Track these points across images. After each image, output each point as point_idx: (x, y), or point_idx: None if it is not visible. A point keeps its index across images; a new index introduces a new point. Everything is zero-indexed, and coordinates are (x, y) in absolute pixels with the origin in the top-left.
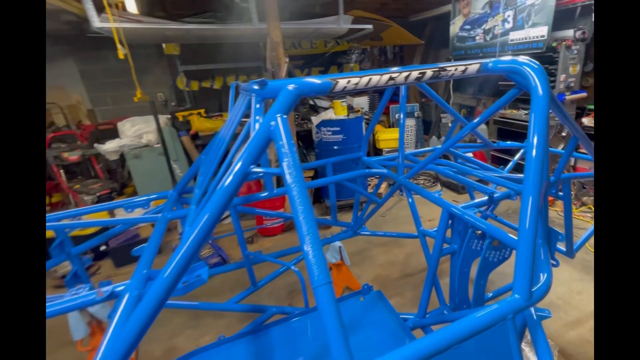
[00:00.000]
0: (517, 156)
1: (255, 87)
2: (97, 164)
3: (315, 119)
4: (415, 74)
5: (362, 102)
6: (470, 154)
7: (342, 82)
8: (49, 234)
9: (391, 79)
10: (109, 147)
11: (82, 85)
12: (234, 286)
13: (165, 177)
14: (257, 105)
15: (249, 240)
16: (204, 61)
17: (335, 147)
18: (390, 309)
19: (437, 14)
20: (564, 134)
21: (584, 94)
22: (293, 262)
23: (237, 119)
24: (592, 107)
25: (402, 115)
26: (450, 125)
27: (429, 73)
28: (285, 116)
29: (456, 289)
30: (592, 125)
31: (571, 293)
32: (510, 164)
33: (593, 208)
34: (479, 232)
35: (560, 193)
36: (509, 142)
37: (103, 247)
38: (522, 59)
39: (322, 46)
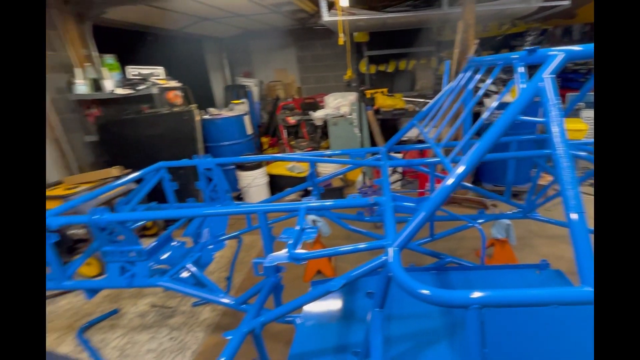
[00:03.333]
0: None
1: (515, 56)
2: (304, 127)
3: (489, 101)
4: None
5: None
6: None
7: None
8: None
9: None
10: (318, 115)
11: (296, 68)
12: None
13: (351, 141)
14: (521, 70)
15: None
16: (384, 47)
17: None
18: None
19: None
20: None
21: None
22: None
23: (458, 85)
24: None
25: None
26: None
27: None
28: (553, 77)
29: None
30: None
31: None
32: None
33: None
34: None
35: None
36: None
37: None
38: None
39: (495, 29)
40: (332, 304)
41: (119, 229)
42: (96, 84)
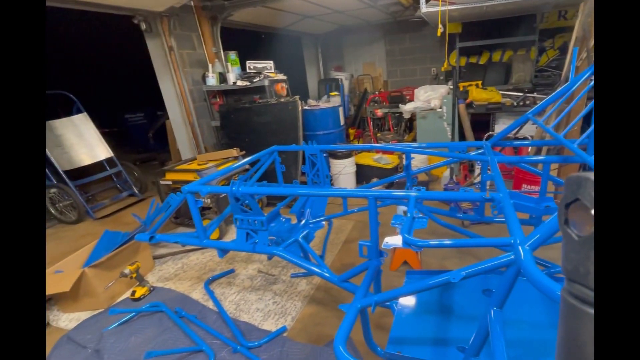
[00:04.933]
0: None
1: None
2: (390, 120)
3: None
4: None
5: None
6: None
7: None
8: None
9: None
10: (407, 108)
11: (384, 62)
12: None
13: (440, 135)
14: None
15: None
16: (477, 37)
17: None
18: None
19: None
20: None
21: None
22: None
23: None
24: None
25: None
26: None
27: None
28: None
29: None
30: None
31: None
32: None
33: None
34: None
35: None
36: None
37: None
38: None
39: None
40: (427, 296)
41: (248, 201)
42: (221, 77)
